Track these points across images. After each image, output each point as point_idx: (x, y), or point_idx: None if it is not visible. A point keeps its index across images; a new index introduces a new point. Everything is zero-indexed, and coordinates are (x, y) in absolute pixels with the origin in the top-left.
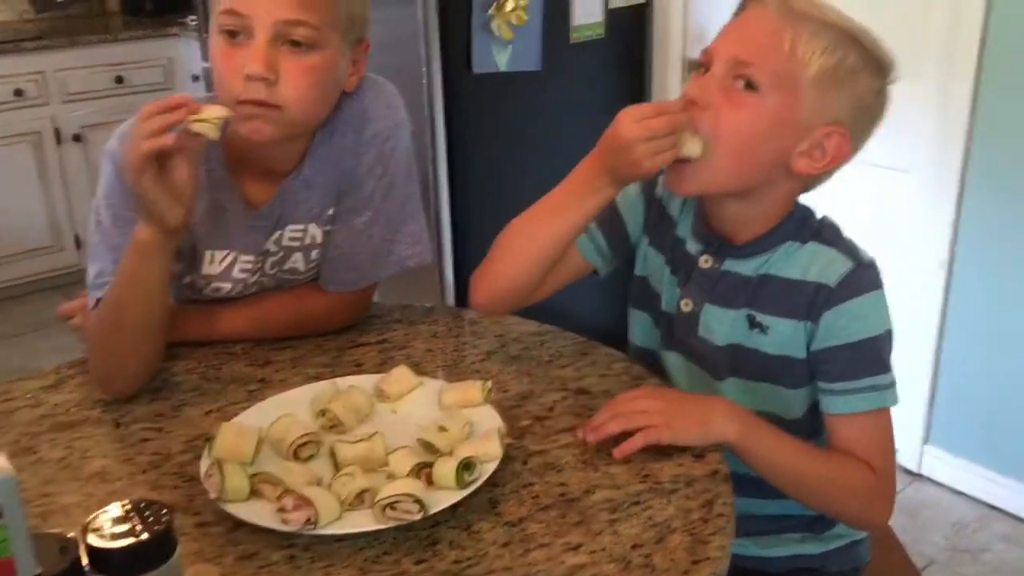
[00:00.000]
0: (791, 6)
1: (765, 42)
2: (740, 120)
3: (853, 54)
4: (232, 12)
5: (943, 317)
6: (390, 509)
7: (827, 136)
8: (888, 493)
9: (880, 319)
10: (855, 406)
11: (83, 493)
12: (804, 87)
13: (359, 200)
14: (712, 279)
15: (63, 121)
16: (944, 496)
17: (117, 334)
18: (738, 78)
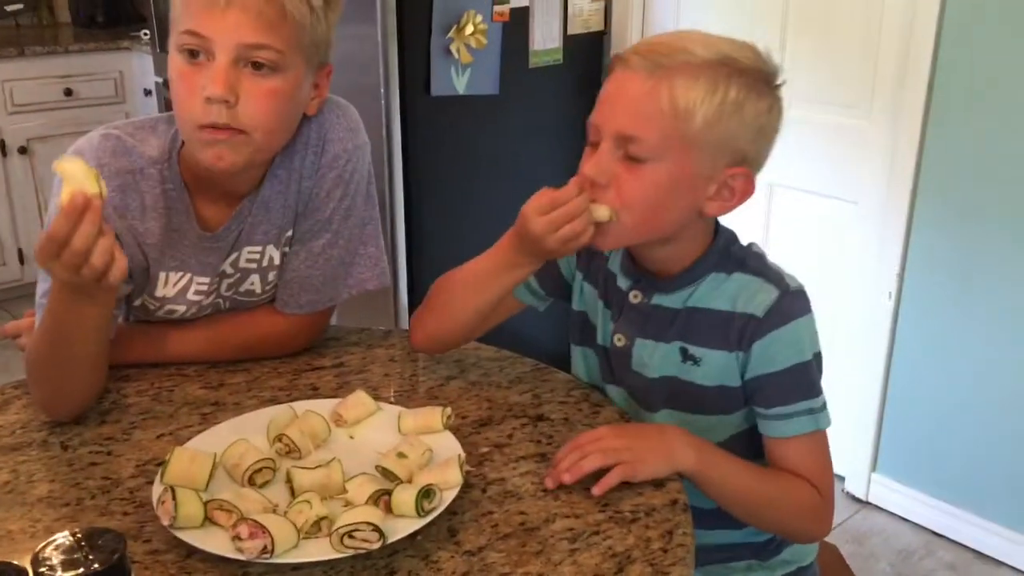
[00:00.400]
0: (657, 61)
1: (643, 109)
2: (641, 190)
3: (735, 85)
4: (193, 33)
5: (891, 347)
6: (348, 537)
7: (731, 177)
8: (830, 508)
9: (808, 344)
10: (792, 429)
11: (29, 519)
12: (695, 140)
13: (318, 222)
14: (643, 314)
15: (9, 133)
16: (890, 524)
17: (55, 367)
18: (628, 153)
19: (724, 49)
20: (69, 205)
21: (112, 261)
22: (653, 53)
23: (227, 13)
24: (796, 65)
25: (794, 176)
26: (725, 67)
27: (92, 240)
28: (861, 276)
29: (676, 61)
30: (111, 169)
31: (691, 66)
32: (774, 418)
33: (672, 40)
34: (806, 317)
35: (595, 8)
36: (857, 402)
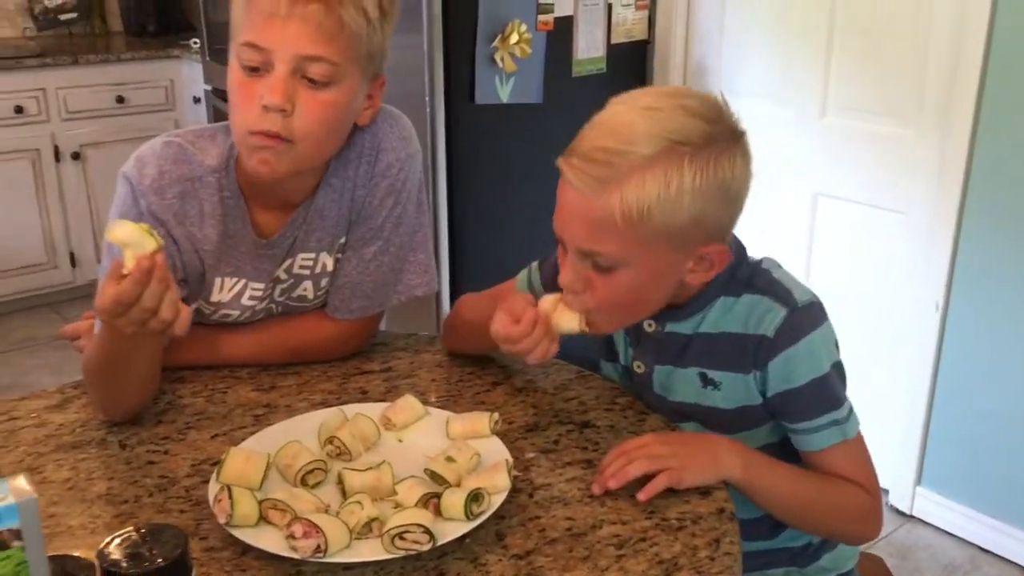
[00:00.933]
0: (600, 175)
1: (596, 224)
2: (615, 294)
3: (689, 168)
4: (253, 45)
5: (937, 359)
6: (399, 539)
7: (707, 253)
8: (879, 509)
9: (825, 357)
10: (822, 442)
11: (89, 515)
12: (659, 237)
13: (370, 230)
14: (658, 341)
15: (62, 139)
16: (935, 538)
17: (110, 376)
18: (595, 263)
19: (670, 131)
20: (137, 270)
21: (179, 312)
22: (592, 164)
23: (287, 24)
24: (842, 74)
25: (839, 186)
26: (675, 153)
27: (160, 297)
28: (908, 287)
29: (620, 170)
30: (172, 176)
31: (637, 167)
32: (802, 432)
33: (611, 138)
34: (819, 330)
35: (639, 17)
36: (902, 415)
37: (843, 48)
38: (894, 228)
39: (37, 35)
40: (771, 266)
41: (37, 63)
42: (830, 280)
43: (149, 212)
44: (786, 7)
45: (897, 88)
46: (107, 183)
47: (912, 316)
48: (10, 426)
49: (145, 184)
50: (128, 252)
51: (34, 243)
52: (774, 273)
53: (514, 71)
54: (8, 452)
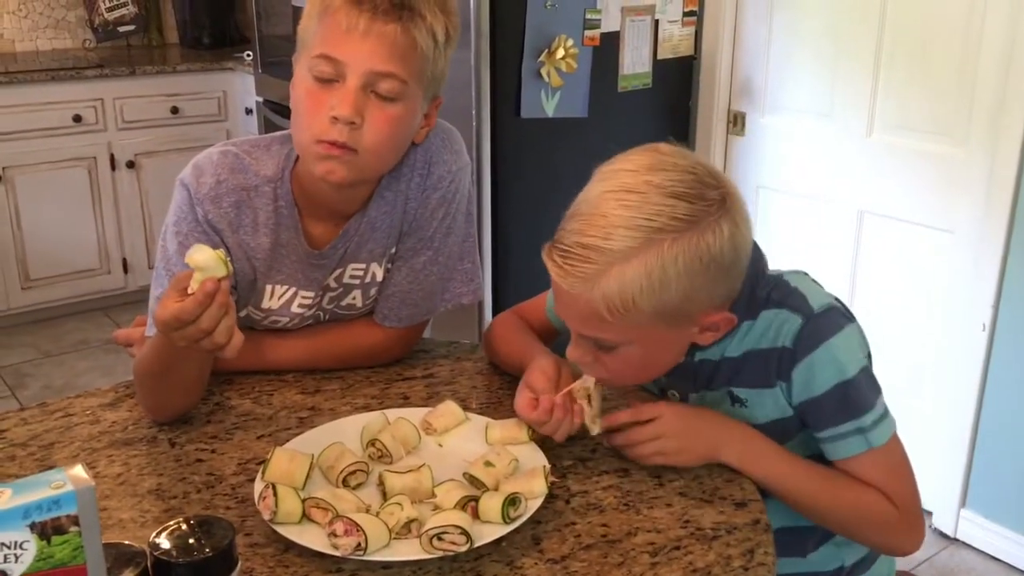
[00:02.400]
0: (579, 275)
1: (587, 317)
2: (623, 367)
3: (670, 253)
4: (327, 57)
5: (983, 380)
6: (437, 539)
7: (709, 321)
8: (913, 522)
9: (847, 361)
10: (846, 451)
11: (139, 509)
12: (652, 319)
13: (420, 240)
14: (689, 369)
15: (118, 148)
16: (979, 562)
17: (160, 382)
18: (598, 344)
19: (649, 219)
20: (201, 292)
21: (231, 338)
22: (571, 261)
23: (365, 40)
24: (890, 91)
25: (885, 204)
26: (654, 243)
27: (217, 321)
28: (954, 307)
29: (597, 267)
30: (229, 185)
31: (616, 263)
32: (827, 441)
33: (589, 232)
34: (840, 335)
35: (685, 33)
36: (947, 436)
37: (891, 65)
38: (941, 247)
39: (96, 46)
40: (792, 277)
41: (96, 74)
42: (875, 299)
43: (205, 220)
44: (834, 23)
45: (946, 106)
46: (160, 191)
47: (958, 337)
48: (66, 422)
49: (202, 192)
50: (198, 275)
51: (88, 249)
52: (792, 283)
53: (560, 86)
54: (64, 447)
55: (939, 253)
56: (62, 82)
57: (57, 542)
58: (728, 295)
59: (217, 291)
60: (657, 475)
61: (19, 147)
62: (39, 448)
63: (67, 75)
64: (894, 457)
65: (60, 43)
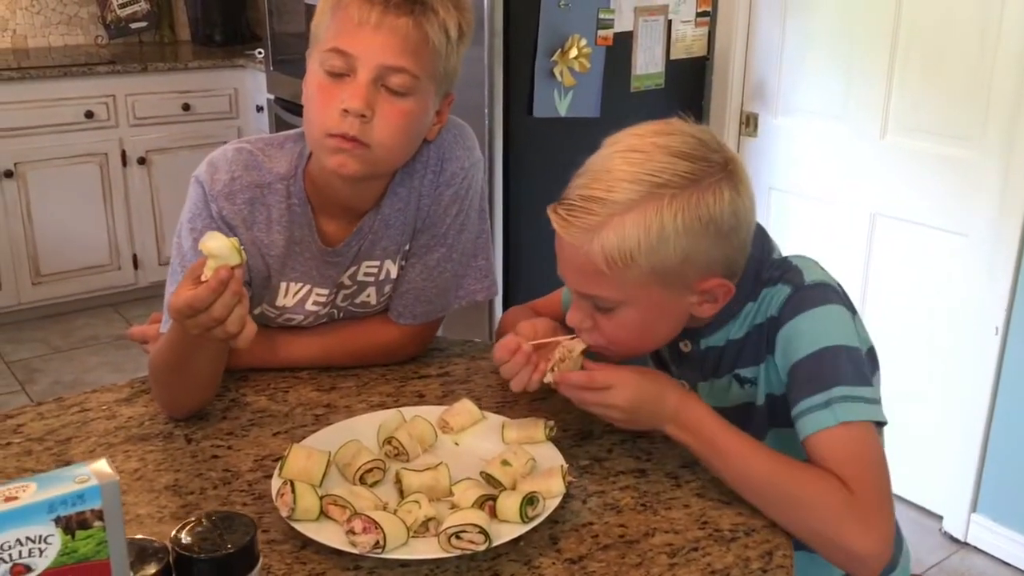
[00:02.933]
0: (579, 224)
1: (585, 271)
2: (620, 331)
3: (669, 210)
4: (338, 51)
5: (996, 383)
6: (455, 538)
7: (707, 288)
8: (868, 515)
9: (834, 331)
10: (823, 421)
11: (156, 505)
12: (649, 277)
13: (434, 237)
14: (696, 359)
15: (130, 144)
16: (990, 567)
17: (175, 377)
18: (596, 305)
19: (650, 174)
20: (214, 279)
21: (244, 327)
22: (574, 212)
23: (376, 33)
24: (904, 94)
25: (898, 206)
26: (654, 197)
27: (230, 309)
28: (967, 310)
29: (598, 219)
30: (243, 182)
31: (616, 215)
32: (805, 412)
33: (592, 185)
34: (827, 308)
35: (698, 34)
36: (959, 439)
37: (905, 68)
38: (954, 250)
39: (108, 43)
40: (796, 259)
41: (108, 70)
42: (887, 302)
43: (220, 216)
44: (848, 25)
45: (960, 108)
46: (171, 188)
47: (971, 340)
48: (82, 417)
49: (216, 189)
50: (211, 262)
51: (99, 245)
52: (794, 262)
53: (573, 85)
54: (80, 442)
55: (952, 256)
56: (74, 78)
57: (81, 536)
58: (727, 264)
59: (231, 279)
60: (674, 476)
61: (31, 143)
62: (56, 443)
63: (79, 71)
64: (863, 444)
65: (72, 39)
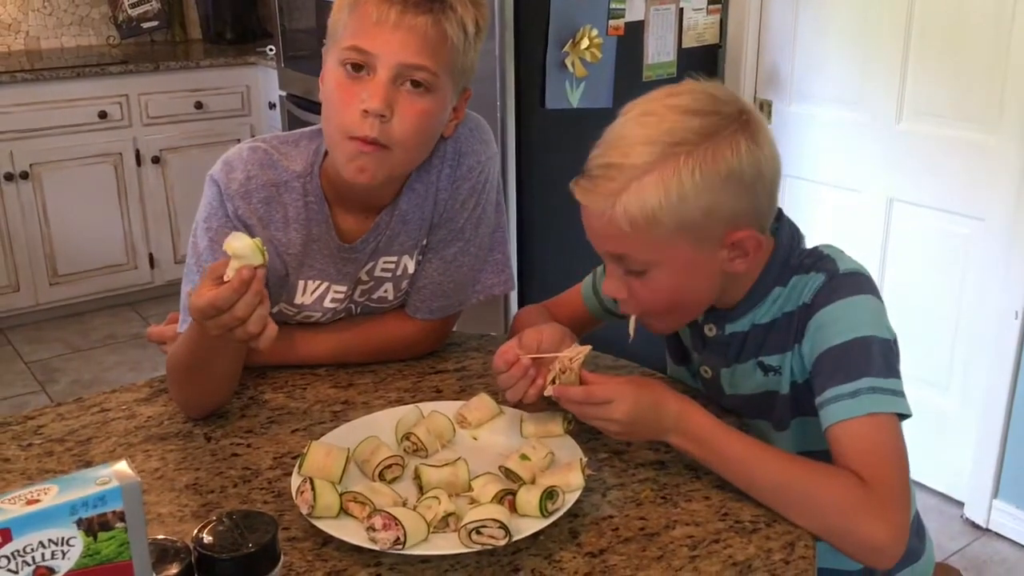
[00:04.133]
0: (599, 190)
1: (612, 235)
2: (654, 295)
3: (687, 167)
4: (359, 49)
5: (1016, 368)
6: (475, 533)
7: (737, 240)
8: (883, 510)
9: (867, 321)
10: (848, 410)
11: (178, 504)
12: (676, 235)
13: (451, 231)
14: (720, 344)
15: (143, 143)
16: (1012, 552)
17: (193, 375)
18: (628, 268)
19: (665, 134)
20: (237, 279)
21: (265, 328)
22: (592, 180)
23: (396, 32)
24: (919, 79)
25: (915, 191)
26: (671, 156)
27: (252, 309)
28: (987, 295)
29: (618, 184)
30: (259, 181)
31: (634, 178)
32: (831, 401)
33: (609, 152)
34: (862, 297)
35: (710, 21)
36: (980, 426)
37: (921, 53)
38: (972, 235)
39: (120, 43)
40: (826, 247)
41: (120, 70)
42: (906, 287)
43: (236, 216)
44: (861, 11)
45: (976, 93)
46: (186, 187)
47: (991, 324)
48: (102, 417)
49: (232, 188)
50: (234, 262)
51: (115, 244)
52: (825, 251)
53: (584, 76)
54: (101, 442)
55: (971, 241)
56: (87, 79)
57: (103, 538)
58: (755, 216)
59: (253, 279)
60: (694, 468)
61: (46, 144)
62: (76, 443)
63: (92, 72)
64: (885, 435)
65: (84, 40)
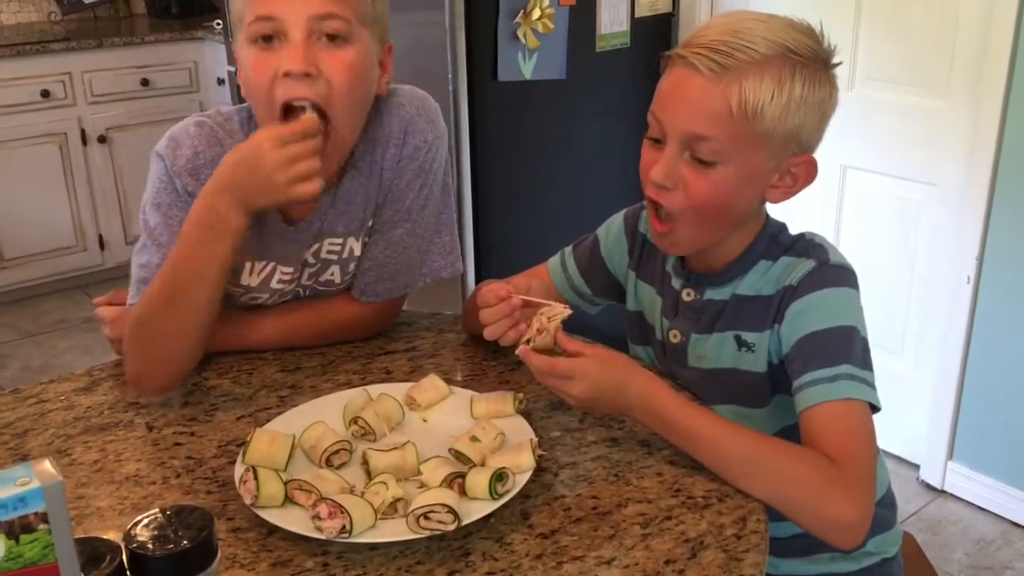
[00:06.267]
0: (721, 62)
1: (711, 111)
2: (709, 191)
3: (799, 78)
4: (264, 17)
5: (969, 332)
6: (424, 519)
7: (794, 165)
8: (851, 490)
9: (849, 313)
10: (825, 394)
11: (117, 496)
12: (763, 138)
13: (397, 212)
14: (696, 310)
15: (89, 122)
16: (967, 513)
17: (169, 318)
18: (695, 155)
19: (784, 39)
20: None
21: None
22: (716, 52)
23: None
24: (871, 44)
25: (867, 158)
26: (788, 60)
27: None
28: (939, 260)
29: (740, 60)
30: (206, 157)
31: (756, 64)
32: (808, 385)
33: (731, 35)
34: (846, 290)
35: None
36: (933, 389)
37: (871, 18)
38: (924, 200)
39: (62, 19)
40: (814, 236)
41: (62, 47)
42: (859, 253)
43: (186, 192)
44: None
45: (927, 59)
46: (133, 166)
47: (943, 289)
48: (39, 409)
49: (179, 165)
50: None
51: (63, 226)
52: (816, 240)
53: (537, 47)
54: (37, 435)
55: (922, 206)
56: (28, 56)
57: (26, 541)
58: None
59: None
60: (647, 443)
61: None
62: (12, 436)
63: (33, 49)
64: (857, 421)
65: (25, 16)
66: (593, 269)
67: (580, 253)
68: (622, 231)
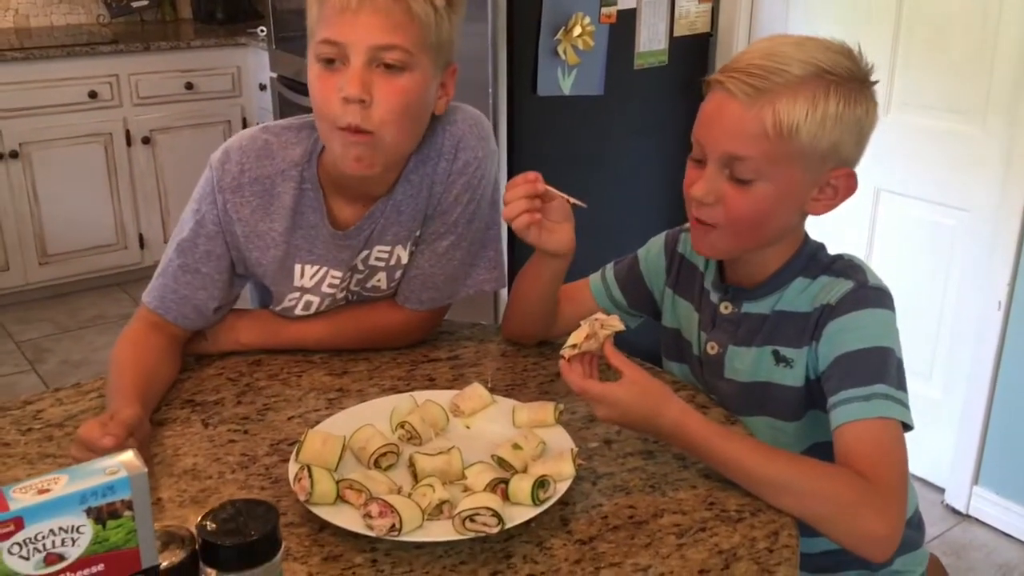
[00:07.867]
0: (756, 85)
1: (746, 132)
2: (748, 208)
3: (834, 96)
4: (329, 41)
5: (998, 359)
6: (469, 521)
7: (835, 178)
8: (884, 505)
9: (885, 335)
10: (860, 412)
11: (177, 489)
12: (800, 155)
13: (445, 224)
14: (734, 323)
15: (134, 124)
16: (991, 538)
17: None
18: (734, 174)
19: (819, 60)
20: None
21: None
22: (751, 76)
23: (358, 16)
24: (908, 69)
25: (902, 181)
26: (822, 80)
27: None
28: (970, 285)
29: (774, 83)
30: (252, 175)
31: (789, 85)
32: (842, 402)
33: (766, 59)
34: (884, 312)
35: (702, 10)
36: (961, 414)
37: (909, 43)
38: (957, 226)
39: (110, 22)
40: (852, 258)
41: (110, 49)
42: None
43: (224, 209)
44: (852, 1)
45: (964, 85)
46: (176, 167)
47: (974, 314)
48: (100, 402)
49: (225, 182)
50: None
51: (105, 224)
52: (855, 261)
53: (576, 63)
54: None
55: (956, 232)
56: (77, 58)
57: (112, 526)
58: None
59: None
60: (681, 457)
61: (35, 123)
62: (75, 428)
63: (82, 51)
64: (890, 439)
65: (74, 18)
66: (631, 282)
67: (620, 268)
68: (662, 251)
